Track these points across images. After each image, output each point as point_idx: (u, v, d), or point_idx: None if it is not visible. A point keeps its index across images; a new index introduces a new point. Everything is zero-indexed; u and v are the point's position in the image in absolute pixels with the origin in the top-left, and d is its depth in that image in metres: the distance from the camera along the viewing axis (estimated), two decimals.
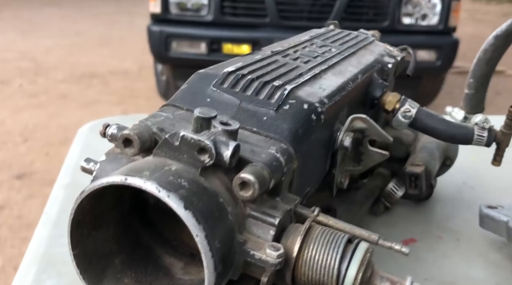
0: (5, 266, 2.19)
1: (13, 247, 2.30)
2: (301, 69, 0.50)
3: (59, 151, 3.15)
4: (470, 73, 0.91)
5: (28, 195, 2.70)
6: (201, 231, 0.33)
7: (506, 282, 0.57)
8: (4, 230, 2.41)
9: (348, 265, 0.37)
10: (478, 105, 0.94)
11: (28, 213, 2.54)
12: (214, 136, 0.36)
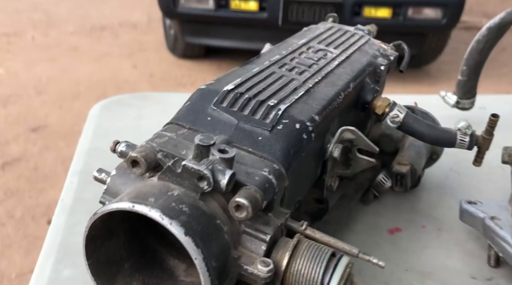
0: (24, 216, 2.27)
1: (31, 198, 2.37)
2: (295, 83, 0.53)
3: (72, 105, 3.19)
4: (463, 61, 0.93)
5: (43, 148, 2.75)
6: (199, 254, 0.36)
7: (479, 272, 0.61)
8: (22, 181, 2.48)
9: (330, 279, 0.41)
10: (470, 91, 0.96)
11: (43, 165, 2.60)
12: (212, 165, 0.39)
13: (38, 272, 0.54)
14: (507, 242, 0.56)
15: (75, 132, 2.91)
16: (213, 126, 0.46)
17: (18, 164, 2.64)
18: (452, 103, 0.97)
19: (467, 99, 0.96)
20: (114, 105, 0.95)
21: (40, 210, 2.31)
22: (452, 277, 0.60)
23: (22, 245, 2.10)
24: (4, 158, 2.65)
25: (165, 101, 1.00)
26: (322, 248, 0.42)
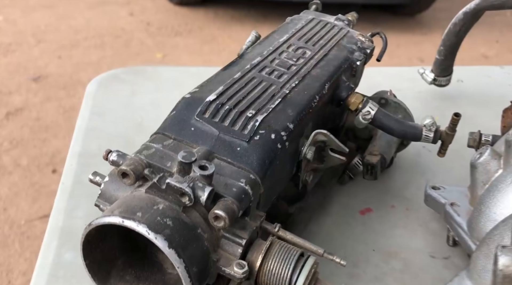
0: (30, 165, 2.31)
1: (35, 147, 2.41)
2: (273, 89, 0.55)
3: (71, 54, 3.16)
4: (441, 42, 0.95)
5: (44, 98, 2.76)
6: (181, 264, 0.41)
7: (438, 251, 0.66)
8: (25, 131, 2.51)
9: (297, 277, 0.45)
10: (446, 70, 0.98)
11: (45, 116, 2.62)
12: (193, 182, 0.43)
13: (43, 256, 0.59)
14: (462, 228, 0.61)
15: (75, 83, 2.91)
16: (195, 137, 0.49)
17: (21, 113, 2.66)
18: (430, 80, 0.99)
19: (444, 77, 0.98)
20: (109, 81, 0.97)
21: (44, 159, 2.35)
22: (414, 257, 0.65)
23: (29, 193, 2.16)
24: (8, 107, 2.66)
25: (157, 76, 1.02)
26: (292, 249, 0.47)
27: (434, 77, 0.98)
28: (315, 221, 0.68)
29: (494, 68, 1.19)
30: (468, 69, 1.17)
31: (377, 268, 0.63)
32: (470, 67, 1.21)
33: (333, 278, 0.60)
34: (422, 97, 1.04)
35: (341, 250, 0.65)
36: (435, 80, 0.98)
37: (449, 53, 0.94)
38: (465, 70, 1.15)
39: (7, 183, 2.19)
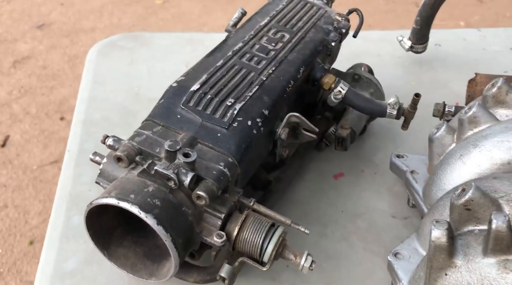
0: (39, 112, 2.36)
1: (43, 95, 2.45)
2: (252, 77, 0.59)
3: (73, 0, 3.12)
4: (417, 13, 0.97)
5: (50, 46, 2.76)
6: (168, 237, 0.47)
7: (399, 212, 0.72)
8: (33, 79, 2.53)
9: (268, 244, 0.52)
10: (422, 38, 1.01)
11: (51, 64, 2.63)
12: (178, 168, 0.48)
13: (54, 219, 0.65)
14: (419, 194, 0.66)
15: (78, 31, 2.90)
16: (181, 124, 0.54)
17: (27, 61, 2.66)
18: (407, 48, 1.02)
19: (420, 45, 1.01)
20: (108, 49, 1.00)
21: (53, 107, 2.39)
22: (378, 217, 0.72)
23: (40, 139, 2.22)
24: (14, 56, 2.67)
25: (153, 42, 1.04)
26: (264, 221, 0.53)
27: (411, 45, 1.01)
28: (292, 187, 0.74)
29: (471, 31, 1.20)
30: (446, 33, 1.19)
31: (344, 228, 0.70)
32: (448, 31, 1.22)
33: (305, 238, 0.67)
34: (401, 62, 1.07)
35: (313, 213, 0.71)
36: (412, 48, 1.01)
37: (424, 24, 0.96)
38: (443, 34, 1.17)
39: (19, 130, 2.24)
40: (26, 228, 1.80)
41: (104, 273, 0.58)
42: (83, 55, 2.76)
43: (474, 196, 0.48)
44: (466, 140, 0.61)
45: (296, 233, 0.65)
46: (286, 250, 0.53)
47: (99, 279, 0.58)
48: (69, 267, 0.60)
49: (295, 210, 0.72)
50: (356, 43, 1.09)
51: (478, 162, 0.58)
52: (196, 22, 3.12)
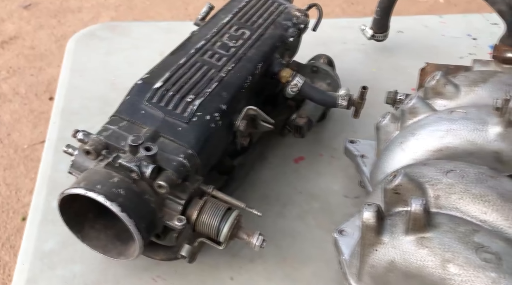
0: (28, 92, 2.36)
1: (32, 76, 2.45)
2: (212, 74, 0.63)
3: None
4: (377, 4, 1.00)
5: (37, 26, 2.74)
6: (132, 223, 0.51)
7: (351, 192, 0.76)
8: (21, 59, 2.53)
9: (223, 226, 0.56)
10: (383, 27, 1.05)
11: (39, 44, 2.62)
12: (140, 161, 0.52)
13: (34, 204, 0.69)
14: (366, 177, 0.71)
15: (65, 10, 2.87)
16: (145, 119, 0.58)
17: (15, 42, 2.65)
18: (369, 36, 1.06)
19: (381, 33, 1.05)
20: (87, 39, 1.02)
21: (41, 87, 2.39)
22: (331, 197, 0.76)
23: (29, 119, 2.23)
24: (2, 36, 2.65)
25: (132, 32, 1.07)
26: (220, 205, 0.57)
27: (373, 34, 1.04)
28: (255, 171, 0.78)
29: (432, 17, 1.24)
30: (409, 20, 1.22)
31: (300, 208, 0.74)
32: (410, 17, 1.25)
33: (265, 218, 0.72)
34: (364, 49, 1.10)
35: (274, 194, 0.76)
36: (373, 36, 1.05)
37: (384, 14, 1.00)
38: (405, 21, 1.20)
39: (8, 110, 2.25)
40: (19, 205, 1.84)
41: (79, 253, 0.63)
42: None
43: (402, 181, 0.53)
44: (406, 129, 0.66)
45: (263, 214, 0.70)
46: (240, 231, 0.58)
47: (75, 258, 0.63)
48: (48, 247, 0.64)
49: (258, 192, 0.76)
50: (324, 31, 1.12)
51: (414, 149, 0.63)
52: (181, 1, 3.11)
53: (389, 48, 1.11)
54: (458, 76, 0.70)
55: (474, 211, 0.50)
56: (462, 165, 0.55)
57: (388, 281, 0.52)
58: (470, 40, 1.14)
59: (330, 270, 0.65)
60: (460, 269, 0.45)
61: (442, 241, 0.47)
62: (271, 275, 0.65)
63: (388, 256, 0.51)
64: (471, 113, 0.62)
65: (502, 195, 0.51)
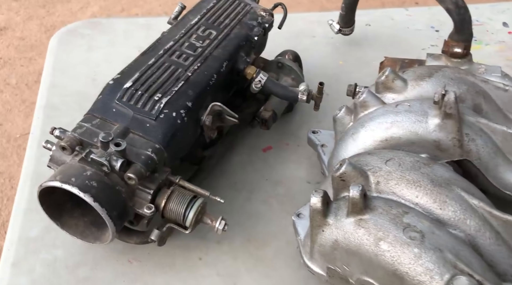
0: (19, 83, 2.38)
1: (23, 66, 2.46)
2: (179, 73, 0.67)
3: None
4: (343, 0, 1.04)
5: (26, 17, 2.74)
6: (104, 211, 0.56)
7: (314, 178, 0.81)
8: (11, 50, 2.54)
9: (189, 212, 0.61)
10: (348, 22, 1.09)
11: (29, 35, 2.63)
12: (110, 156, 0.57)
13: (19, 194, 0.74)
14: (325, 165, 0.76)
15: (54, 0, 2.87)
16: (116, 117, 0.62)
17: (5, 33, 2.65)
18: (336, 31, 1.10)
19: (347, 28, 1.09)
20: (69, 36, 1.06)
21: (32, 77, 2.41)
22: (295, 183, 0.81)
23: (21, 109, 2.25)
24: None
25: (112, 29, 1.10)
26: (186, 194, 0.62)
27: (339, 28, 1.08)
28: (225, 160, 0.83)
29: (399, 10, 1.28)
30: (376, 13, 1.26)
31: (266, 193, 0.79)
32: (378, 11, 1.29)
33: (233, 203, 0.77)
34: (333, 42, 1.15)
35: (242, 181, 0.81)
36: (340, 31, 1.09)
37: (349, 10, 1.04)
38: (372, 14, 1.24)
39: (0, 100, 2.27)
40: (13, 192, 1.88)
41: (60, 238, 0.68)
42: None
43: (346, 169, 0.58)
44: (358, 121, 0.71)
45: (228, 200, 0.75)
46: (204, 216, 0.63)
47: (56, 243, 0.68)
48: (32, 234, 0.69)
49: (228, 179, 0.81)
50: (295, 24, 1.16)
51: (364, 139, 0.68)
52: None
53: (356, 41, 1.15)
54: (407, 71, 0.75)
55: (408, 195, 0.56)
56: (400, 154, 0.60)
57: (334, 258, 0.57)
58: (433, 32, 1.18)
59: (290, 249, 0.70)
60: (389, 246, 0.50)
61: (376, 222, 0.52)
62: (236, 255, 0.70)
63: (332, 235, 0.56)
64: (414, 106, 0.67)
65: (433, 180, 0.56)
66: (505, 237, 0.54)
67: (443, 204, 0.54)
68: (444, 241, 0.50)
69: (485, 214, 0.54)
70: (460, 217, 0.53)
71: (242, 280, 0.67)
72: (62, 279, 0.65)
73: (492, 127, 0.66)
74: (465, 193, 0.55)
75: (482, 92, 0.72)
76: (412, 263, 0.48)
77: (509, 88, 0.73)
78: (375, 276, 0.52)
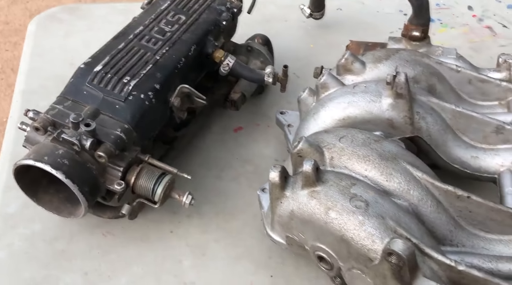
0: (4, 67, 2.37)
1: (8, 51, 2.45)
2: (148, 57, 0.70)
3: None
4: None
5: (10, 1, 2.71)
6: (75, 187, 0.59)
7: (281, 156, 0.85)
8: None
9: (157, 188, 0.64)
10: (319, 7, 1.11)
11: (13, 19, 2.61)
12: (80, 136, 0.60)
13: None
14: (290, 143, 0.80)
15: None
16: (87, 99, 0.65)
17: None
18: (307, 15, 1.12)
19: (318, 12, 1.11)
20: (47, 21, 1.07)
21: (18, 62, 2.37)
22: (264, 161, 0.84)
23: (7, 93, 2.25)
24: None
25: (90, 14, 1.11)
26: (155, 171, 0.65)
27: (310, 13, 1.11)
28: (198, 139, 0.86)
29: None
30: None
31: (235, 171, 0.83)
32: None
33: (204, 180, 0.80)
34: (305, 26, 1.17)
35: (213, 160, 0.84)
36: (311, 15, 1.11)
37: None
38: None
39: None
40: None
41: (38, 214, 0.70)
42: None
43: (303, 146, 0.62)
44: (319, 102, 0.74)
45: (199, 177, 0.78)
46: (172, 192, 0.66)
47: (35, 218, 0.71)
48: (11, 210, 0.72)
49: (199, 158, 0.84)
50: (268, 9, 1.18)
51: (324, 119, 0.71)
52: None
53: (328, 25, 1.18)
54: (366, 54, 0.78)
55: (358, 168, 0.59)
56: (353, 132, 0.64)
57: (291, 227, 0.61)
58: (402, 16, 1.21)
59: (256, 221, 0.74)
60: (337, 214, 0.54)
61: (327, 193, 0.56)
62: (205, 228, 0.74)
63: (289, 207, 0.60)
64: (370, 87, 0.70)
65: (381, 155, 0.60)
66: (445, 205, 0.58)
67: (389, 176, 0.58)
68: (386, 209, 0.53)
69: (428, 185, 0.58)
70: (404, 187, 0.57)
71: (211, 250, 0.71)
72: (40, 252, 0.68)
73: (442, 106, 0.70)
74: (410, 166, 0.59)
75: (436, 74, 0.76)
76: (356, 229, 0.52)
77: (462, 69, 0.77)
78: (326, 242, 0.56)
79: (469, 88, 0.76)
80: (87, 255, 0.69)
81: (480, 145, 0.70)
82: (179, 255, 0.70)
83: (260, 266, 0.69)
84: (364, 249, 0.52)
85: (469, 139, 0.70)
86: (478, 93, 0.76)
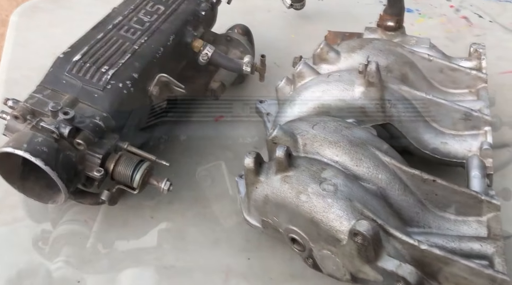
0: None
1: None
2: (127, 47, 0.70)
3: None
4: None
5: None
6: (55, 174, 0.60)
7: (260, 144, 0.85)
8: None
9: (136, 174, 0.65)
10: None
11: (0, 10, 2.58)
12: (59, 124, 0.60)
13: None
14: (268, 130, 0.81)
15: None
16: (66, 88, 0.65)
17: None
18: (288, 5, 1.12)
19: (298, 3, 1.12)
20: (30, 12, 1.06)
21: None
22: (244, 149, 0.84)
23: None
24: None
25: (73, 4, 1.11)
26: (133, 158, 0.66)
27: (291, 3, 1.11)
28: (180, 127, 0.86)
29: None
30: None
31: (216, 158, 0.84)
32: None
33: (185, 167, 0.81)
34: (286, 17, 1.17)
35: (195, 148, 0.85)
36: (291, 5, 1.12)
37: None
38: None
39: None
40: None
41: (22, 200, 0.71)
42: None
43: (277, 133, 0.63)
44: (295, 91, 0.75)
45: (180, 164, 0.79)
46: (151, 178, 0.67)
47: (19, 205, 0.72)
48: None
49: (181, 145, 0.85)
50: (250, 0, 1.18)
51: (300, 107, 0.72)
52: None
53: (309, 16, 1.19)
54: (341, 44, 0.79)
55: (329, 154, 0.61)
56: (326, 119, 0.65)
57: (266, 211, 0.62)
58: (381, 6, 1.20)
59: (234, 206, 0.75)
60: (307, 198, 0.55)
61: (299, 178, 0.57)
62: (185, 213, 0.75)
63: (264, 191, 0.61)
64: (344, 76, 0.71)
65: (351, 141, 0.61)
66: (412, 189, 0.60)
67: (359, 161, 0.59)
68: (355, 193, 0.55)
69: (396, 170, 0.60)
70: (373, 172, 0.59)
71: (190, 234, 0.72)
72: (22, 237, 0.69)
73: (413, 94, 0.71)
74: (379, 151, 0.60)
75: (409, 63, 0.77)
76: (325, 211, 0.54)
77: (433, 58, 0.78)
78: (298, 224, 0.58)
79: (440, 76, 0.78)
80: (69, 241, 0.69)
81: (449, 131, 0.71)
82: (159, 239, 0.71)
83: (237, 249, 0.71)
84: (333, 231, 0.53)
85: (439, 126, 0.72)
86: (449, 82, 0.78)
